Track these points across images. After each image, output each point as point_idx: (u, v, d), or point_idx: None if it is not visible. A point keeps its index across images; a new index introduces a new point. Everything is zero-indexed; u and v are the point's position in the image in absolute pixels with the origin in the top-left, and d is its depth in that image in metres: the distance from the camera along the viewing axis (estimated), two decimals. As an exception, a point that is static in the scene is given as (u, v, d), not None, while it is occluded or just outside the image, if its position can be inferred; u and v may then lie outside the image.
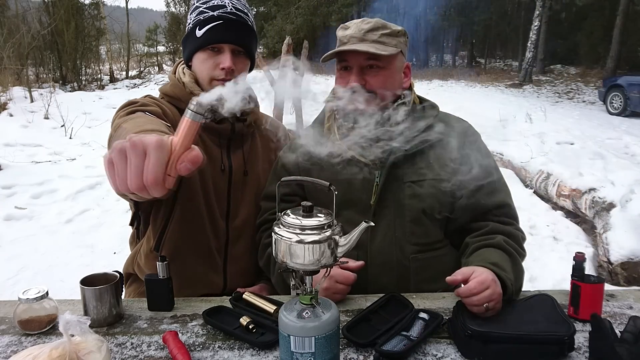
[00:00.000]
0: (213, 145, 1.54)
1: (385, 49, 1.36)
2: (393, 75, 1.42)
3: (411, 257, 1.41)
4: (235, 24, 1.46)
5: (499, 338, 1.08)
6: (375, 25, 1.38)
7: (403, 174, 1.42)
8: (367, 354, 1.10)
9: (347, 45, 1.38)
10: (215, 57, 1.45)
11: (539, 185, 5.38)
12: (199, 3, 1.49)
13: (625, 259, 3.52)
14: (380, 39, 1.37)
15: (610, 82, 12.05)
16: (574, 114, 11.91)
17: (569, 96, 15.53)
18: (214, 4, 1.46)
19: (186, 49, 1.52)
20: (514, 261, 1.32)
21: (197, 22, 1.45)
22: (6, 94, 10.14)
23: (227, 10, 1.45)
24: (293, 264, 0.95)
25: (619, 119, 10.98)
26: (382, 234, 1.42)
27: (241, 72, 1.49)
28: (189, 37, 1.49)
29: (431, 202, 1.41)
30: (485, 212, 1.43)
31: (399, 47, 1.40)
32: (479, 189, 1.41)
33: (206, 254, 1.53)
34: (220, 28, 1.44)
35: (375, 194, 1.42)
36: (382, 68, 1.38)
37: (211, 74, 1.46)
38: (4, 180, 5.53)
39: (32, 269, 3.60)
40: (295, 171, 1.52)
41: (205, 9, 1.45)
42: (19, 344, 1.16)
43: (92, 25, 16.12)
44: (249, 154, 1.61)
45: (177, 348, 1.08)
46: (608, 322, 1.03)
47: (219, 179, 1.54)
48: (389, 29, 1.39)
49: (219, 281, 1.57)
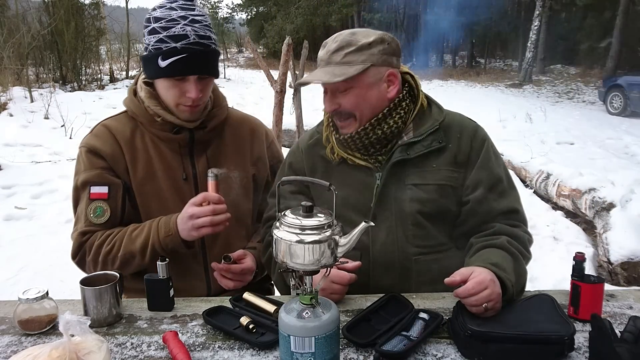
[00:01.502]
0: (172, 154, 1.52)
1: (345, 71, 1.32)
2: (366, 92, 1.36)
3: (413, 259, 1.40)
4: (200, 54, 1.39)
5: (499, 338, 1.08)
6: (341, 44, 1.34)
7: (405, 176, 1.41)
8: (367, 354, 1.10)
9: (318, 68, 1.39)
10: (181, 84, 1.41)
11: (539, 185, 5.38)
12: (158, 27, 1.37)
13: (625, 259, 3.52)
14: (344, 59, 1.34)
15: (610, 82, 12.06)
16: (574, 114, 11.92)
17: (569, 96, 15.54)
18: (176, 32, 1.36)
19: (147, 70, 1.46)
20: (516, 262, 1.30)
21: (160, 52, 1.37)
22: (6, 94, 10.14)
23: (190, 42, 1.36)
24: (293, 264, 0.95)
25: (619, 119, 10.98)
26: (384, 236, 1.41)
27: (208, 91, 1.47)
28: (151, 62, 1.40)
29: (432, 206, 1.40)
30: (493, 217, 1.40)
31: (369, 61, 1.34)
32: (487, 194, 1.39)
33: (183, 262, 1.51)
34: (185, 61, 1.37)
35: (376, 196, 1.42)
36: (351, 87, 1.35)
37: (177, 101, 1.43)
38: (4, 180, 5.53)
39: (32, 269, 3.60)
40: (300, 171, 1.53)
41: (166, 39, 1.36)
42: (19, 344, 1.16)
43: (92, 25, 16.11)
44: (214, 157, 1.57)
45: (177, 348, 1.08)
46: (608, 322, 1.03)
47: (182, 187, 1.52)
48: (354, 46, 1.33)
49: (202, 287, 1.57)
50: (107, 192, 1.46)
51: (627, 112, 11.26)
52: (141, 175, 1.49)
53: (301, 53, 6.15)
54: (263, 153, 1.67)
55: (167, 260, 1.29)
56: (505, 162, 1.44)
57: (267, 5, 30.21)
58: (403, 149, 1.40)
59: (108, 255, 1.43)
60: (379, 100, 1.39)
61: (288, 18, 25.19)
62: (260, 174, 1.66)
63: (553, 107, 12.97)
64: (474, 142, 1.43)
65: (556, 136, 8.69)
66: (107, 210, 1.46)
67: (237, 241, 1.61)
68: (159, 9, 1.41)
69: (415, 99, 1.47)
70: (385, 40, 1.37)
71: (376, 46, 1.35)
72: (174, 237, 1.40)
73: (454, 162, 1.41)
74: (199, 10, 1.43)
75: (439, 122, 1.42)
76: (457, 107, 1.50)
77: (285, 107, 5.71)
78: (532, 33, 17.88)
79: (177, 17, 1.37)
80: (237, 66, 27.77)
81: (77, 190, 1.50)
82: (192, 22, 1.38)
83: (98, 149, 1.47)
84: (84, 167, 1.48)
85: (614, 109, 11.65)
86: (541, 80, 18.60)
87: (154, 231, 1.42)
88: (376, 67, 1.35)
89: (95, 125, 1.56)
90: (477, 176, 1.40)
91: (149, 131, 1.51)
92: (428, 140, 1.40)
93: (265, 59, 7.98)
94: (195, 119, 1.49)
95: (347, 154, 1.45)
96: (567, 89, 16.83)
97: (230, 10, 36.00)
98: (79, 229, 1.48)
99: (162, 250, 1.41)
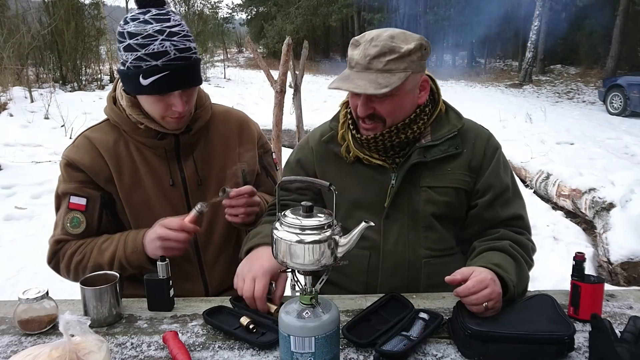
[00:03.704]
0: (159, 160, 1.50)
1: (389, 80, 1.27)
2: (403, 99, 1.34)
3: (423, 261, 1.41)
4: (182, 69, 1.33)
5: (498, 338, 1.08)
6: (382, 49, 1.27)
7: (420, 179, 1.41)
8: (367, 354, 1.10)
9: (353, 70, 1.32)
10: (166, 99, 1.36)
11: (539, 185, 5.38)
12: (134, 43, 1.29)
13: (625, 259, 3.52)
14: (386, 66, 1.27)
15: (610, 82, 12.05)
16: (574, 114, 11.92)
17: (569, 96, 15.54)
18: (155, 50, 1.29)
19: (127, 86, 1.40)
20: (518, 265, 1.30)
21: (140, 71, 1.30)
22: (6, 94, 10.14)
23: (171, 58, 1.30)
24: (293, 264, 0.95)
25: (619, 119, 10.99)
26: (396, 236, 1.41)
27: (193, 100, 1.44)
28: (131, 79, 1.33)
29: (445, 209, 1.40)
30: (497, 222, 1.41)
31: (409, 68, 1.29)
32: (494, 200, 1.40)
33: (178, 266, 1.49)
34: (168, 79, 1.31)
35: (390, 197, 1.41)
36: (390, 96, 1.31)
37: (163, 114, 1.39)
38: (4, 180, 5.53)
39: (32, 269, 3.59)
40: (310, 168, 1.52)
41: (145, 57, 1.29)
42: (19, 344, 1.16)
43: (92, 25, 16.10)
44: (202, 159, 1.54)
45: (177, 348, 1.08)
46: (608, 322, 1.03)
47: (170, 194, 1.51)
48: (396, 53, 1.27)
49: (199, 289, 1.57)
50: (85, 204, 1.46)
51: (627, 112, 11.26)
52: (127, 184, 1.48)
53: (301, 53, 6.14)
54: (252, 146, 1.64)
55: (167, 260, 1.29)
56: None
57: (267, 5, 30.21)
58: (420, 151, 1.39)
59: (79, 265, 1.44)
60: (412, 106, 1.38)
61: (288, 18, 25.19)
62: (250, 169, 1.63)
63: (553, 107, 12.97)
64: (487, 149, 1.44)
65: (556, 136, 8.69)
66: (83, 222, 1.46)
67: (231, 241, 1.62)
68: (132, 22, 1.31)
69: (435, 103, 1.46)
70: (423, 46, 1.32)
71: (416, 53, 1.30)
72: (139, 255, 1.40)
73: (468, 167, 1.42)
74: (174, 19, 1.34)
75: (457, 129, 1.42)
76: (457, 107, 1.50)
77: (285, 107, 5.71)
78: (532, 33, 17.88)
79: (153, 32, 1.29)
80: (237, 66, 27.77)
81: (58, 198, 1.51)
82: (170, 36, 1.30)
83: (77, 161, 1.45)
84: (64, 179, 1.48)
85: (614, 109, 11.65)
86: (541, 80, 18.60)
87: (121, 246, 1.42)
88: (414, 75, 1.32)
89: (77, 136, 1.53)
90: (487, 182, 1.41)
91: (132, 138, 1.48)
92: (445, 145, 1.40)
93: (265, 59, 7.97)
94: (182, 127, 1.46)
95: (364, 154, 1.43)
96: (567, 89, 16.83)
97: (230, 10, 36.00)
98: (55, 235, 1.50)
99: (129, 265, 1.42)
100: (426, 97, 1.41)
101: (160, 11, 1.33)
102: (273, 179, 1.72)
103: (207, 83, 16.95)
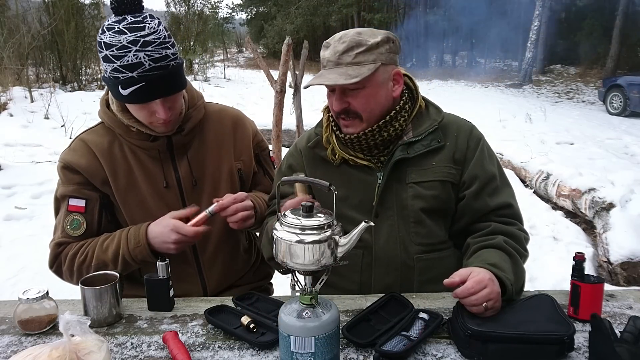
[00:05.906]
0: (153, 161, 1.50)
1: (359, 71, 1.31)
2: (376, 91, 1.37)
3: (415, 257, 1.42)
4: (159, 78, 1.31)
5: (498, 338, 1.08)
6: (350, 44, 1.33)
7: (406, 175, 1.43)
8: (367, 354, 1.10)
9: (325, 69, 1.37)
10: (148, 106, 1.36)
11: (538, 185, 5.38)
12: (110, 55, 1.28)
13: (625, 259, 3.52)
14: (355, 59, 1.32)
15: (610, 82, 12.05)
16: (574, 114, 11.92)
17: (568, 96, 15.54)
18: (129, 62, 1.27)
19: (112, 93, 1.39)
20: (514, 261, 1.31)
21: (118, 81, 1.30)
22: (6, 94, 10.13)
23: (146, 69, 1.28)
24: (293, 264, 0.96)
25: (618, 119, 10.99)
26: (386, 234, 1.42)
27: (178, 104, 1.43)
28: (113, 88, 1.33)
29: (434, 203, 1.42)
30: (487, 212, 1.43)
31: (378, 60, 1.34)
32: (481, 189, 1.42)
33: (176, 267, 1.48)
34: (146, 89, 1.30)
35: (377, 195, 1.42)
36: (362, 88, 1.35)
37: (149, 120, 1.40)
38: (4, 180, 5.53)
39: (32, 269, 3.59)
40: (301, 173, 1.53)
41: (121, 68, 1.28)
42: (19, 344, 1.16)
43: (92, 25, 16.08)
44: (196, 159, 1.54)
45: (177, 348, 1.08)
46: (608, 322, 1.03)
47: (166, 194, 1.51)
48: (364, 46, 1.32)
49: (197, 290, 1.57)
50: (84, 206, 1.47)
51: (627, 112, 11.26)
52: (123, 186, 1.48)
53: (301, 53, 6.14)
54: (248, 144, 1.64)
55: (167, 260, 1.29)
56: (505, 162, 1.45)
57: (267, 5, 30.22)
58: (403, 148, 1.41)
59: (82, 265, 1.44)
60: (387, 99, 1.40)
61: (288, 18, 25.19)
62: (246, 167, 1.63)
63: (553, 107, 12.97)
64: (470, 140, 1.46)
65: (556, 136, 8.69)
66: (84, 223, 1.47)
67: (229, 241, 1.62)
68: (108, 31, 1.29)
69: (414, 100, 1.49)
70: (390, 39, 1.38)
71: (384, 45, 1.36)
72: (142, 249, 1.41)
73: (452, 160, 1.43)
74: (149, 27, 1.30)
75: (437, 122, 1.45)
76: (457, 107, 1.52)
77: (285, 107, 5.71)
78: (532, 33, 17.87)
79: (127, 42, 1.27)
80: (237, 66, 27.79)
81: (57, 201, 1.52)
82: (144, 46, 1.28)
83: (74, 164, 1.46)
84: (62, 182, 1.49)
85: (614, 109, 11.65)
86: (541, 80, 18.60)
87: (124, 242, 1.42)
88: (384, 66, 1.37)
89: (73, 139, 1.54)
90: (473, 172, 1.43)
91: (126, 141, 1.48)
92: (427, 140, 1.42)
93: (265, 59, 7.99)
94: (172, 130, 1.46)
95: (349, 155, 1.45)
96: (567, 89, 16.83)
97: (230, 10, 36.01)
98: (55, 239, 1.50)
99: (133, 261, 1.42)
100: (400, 90, 1.43)
101: (135, 19, 1.30)
102: (271, 177, 1.72)
103: (207, 83, 16.97)
